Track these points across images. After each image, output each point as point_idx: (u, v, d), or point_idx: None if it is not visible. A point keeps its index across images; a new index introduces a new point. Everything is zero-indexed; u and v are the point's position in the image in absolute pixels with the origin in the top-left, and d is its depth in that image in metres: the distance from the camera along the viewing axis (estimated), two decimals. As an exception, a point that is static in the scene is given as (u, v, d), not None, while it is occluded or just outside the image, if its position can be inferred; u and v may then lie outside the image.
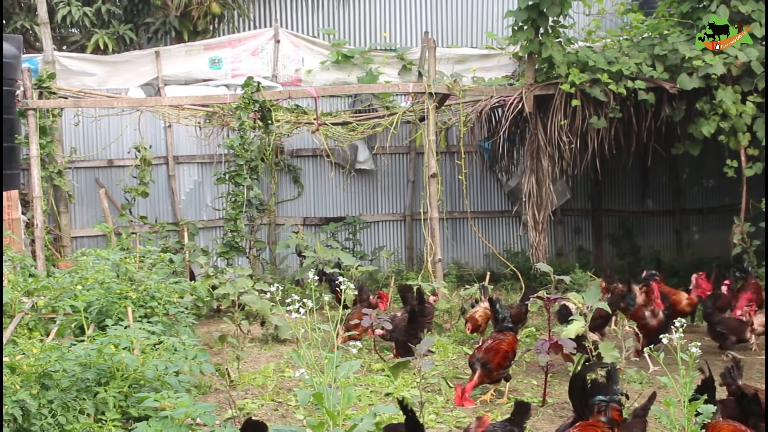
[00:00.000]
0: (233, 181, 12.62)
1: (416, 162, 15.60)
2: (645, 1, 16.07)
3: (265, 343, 10.48)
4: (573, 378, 5.83)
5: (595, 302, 8.19)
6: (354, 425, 5.24)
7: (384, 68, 15.75)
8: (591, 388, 5.75)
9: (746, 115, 12.37)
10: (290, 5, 16.12)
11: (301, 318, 5.38)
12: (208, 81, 15.06)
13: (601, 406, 5.60)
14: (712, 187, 16.94)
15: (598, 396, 5.65)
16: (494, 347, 7.98)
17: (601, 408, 5.60)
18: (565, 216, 16.54)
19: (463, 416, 7.42)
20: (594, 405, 5.62)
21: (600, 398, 5.62)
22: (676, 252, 16.98)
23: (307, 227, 15.27)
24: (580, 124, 12.82)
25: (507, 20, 13.29)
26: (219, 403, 7.64)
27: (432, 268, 12.76)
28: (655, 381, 8.09)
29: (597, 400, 5.63)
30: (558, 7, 12.20)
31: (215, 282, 11.20)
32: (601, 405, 5.60)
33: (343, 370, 5.39)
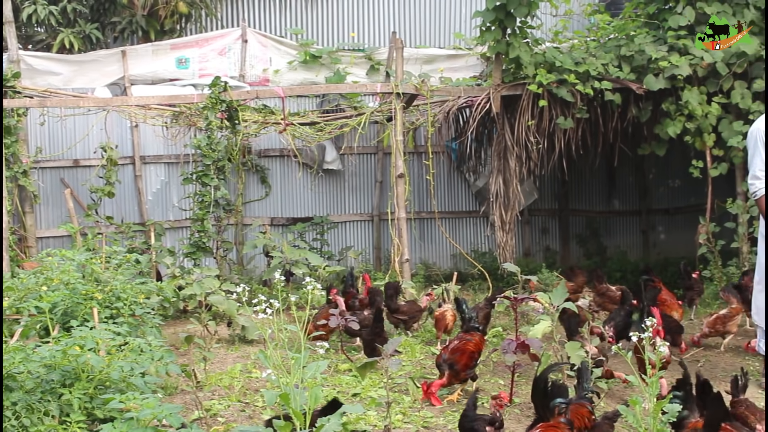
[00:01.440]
0: (200, 181, 12.57)
1: (384, 162, 15.61)
2: (612, 2, 16.15)
3: (232, 344, 10.44)
4: (535, 380, 5.86)
5: (562, 302, 8.22)
6: (321, 426, 5.23)
7: (352, 68, 15.74)
8: (552, 390, 5.79)
9: (711, 116, 12.46)
10: (258, 5, 16.08)
11: (268, 318, 5.36)
12: (175, 81, 14.99)
13: (561, 409, 5.64)
14: (678, 188, 17.05)
15: (558, 399, 5.70)
16: (461, 348, 7.99)
17: (561, 410, 5.64)
18: (532, 216, 16.60)
19: (430, 416, 7.42)
20: (554, 407, 5.67)
21: (560, 401, 5.67)
22: (642, 252, 17.08)
23: (274, 227, 15.23)
24: (547, 124, 12.86)
25: (475, 21, 13.33)
26: (185, 404, 7.60)
27: (399, 268, 12.76)
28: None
29: (557, 403, 5.68)
30: (525, 7, 12.23)
31: (182, 282, 11.17)
32: (561, 407, 5.64)
33: (310, 371, 5.37)
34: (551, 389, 5.83)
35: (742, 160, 12.08)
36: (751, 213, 12.06)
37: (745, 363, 9.44)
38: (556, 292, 8.34)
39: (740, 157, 12.16)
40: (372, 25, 16.57)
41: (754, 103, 12.21)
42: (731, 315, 9.90)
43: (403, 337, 9.95)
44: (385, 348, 7.00)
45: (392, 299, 10.65)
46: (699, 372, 6.49)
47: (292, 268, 12.57)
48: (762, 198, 8.24)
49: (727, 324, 9.90)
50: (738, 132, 12.09)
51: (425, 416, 7.44)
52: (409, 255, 13.15)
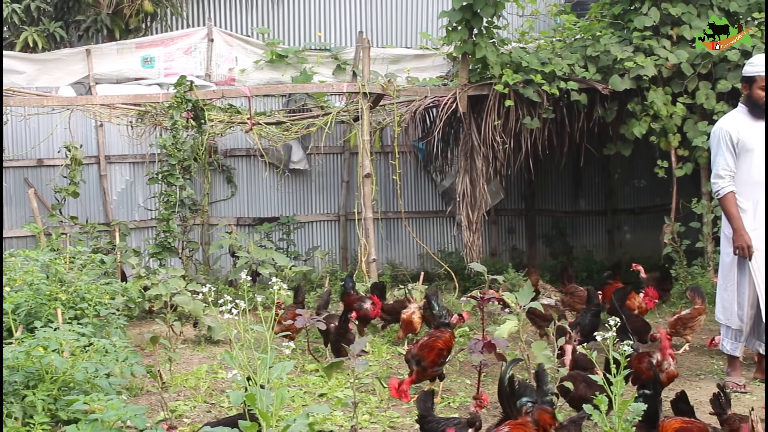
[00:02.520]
0: (166, 181, 12.50)
1: (350, 162, 15.59)
2: (578, 3, 16.23)
3: (198, 345, 10.40)
4: (501, 379, 5.84)
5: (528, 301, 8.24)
6: (287, 426, 5.21)
7: (318, 68, 15.73)
8: (519, 389, 5.78)
9: (676, 116, 12.54)
10: (224, 4, 16.06)
11: (234, 319, 5.34)
12: (141, 80, 14.92)
13: (528, 408, 5.62)
14: (644, 188, 17.15)
15: (525, 398, 5.68)
16: (430, 344, 7.99)
17: (528, 410, 5.63)
18: (499, 216, 16.63)
19: (396, 416, 7.42)
20: (522, 407, 5.65)
21: (527, 400, 5.65)
22: (608, 251, 17.15)
23: (240, 227, 15.18)
24: (513, 124, 12.89)
25: (441, 21, 13.33)
26: (150, 405, 7.56)
27: (366, 268, 12.75)
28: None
29: (524, 402, 5.66)
30: (492, 8, 12.25)
31: (147, 283, 11.10)
32: (528, 407, 5.63)
33: (276, 371, 5.35)
34: (518, 388, 5.81)
35: (706, 160, 12.15)
36: (715, 213, 12.13)
37: (709, 362, 9.51)
38: (522, 291, 8.37)
39: (705, 157, 12.22)
40: (338, 25, 16.57)
41: (718, 104, 12.29)
42: (693, 315, 9.93)
43: (369, 337, 9.94)
44: (351, 348, 6.99)
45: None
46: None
47: (259, 268, 12.54)
48: (725, 197, 8.29)
49: (689, 324, 9.93)
50: (703, 132, 12.16)
51: (392, 416, 7.43)
52: (376, 255, 13.15)
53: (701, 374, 9.06)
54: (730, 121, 8.45)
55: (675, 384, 8.61)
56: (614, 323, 6.00)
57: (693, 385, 8.57)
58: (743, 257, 8.22)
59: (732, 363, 8.61)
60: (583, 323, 9.44)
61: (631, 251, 16.75)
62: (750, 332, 8.52)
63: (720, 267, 8.74)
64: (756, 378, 8.65)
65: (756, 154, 8.27)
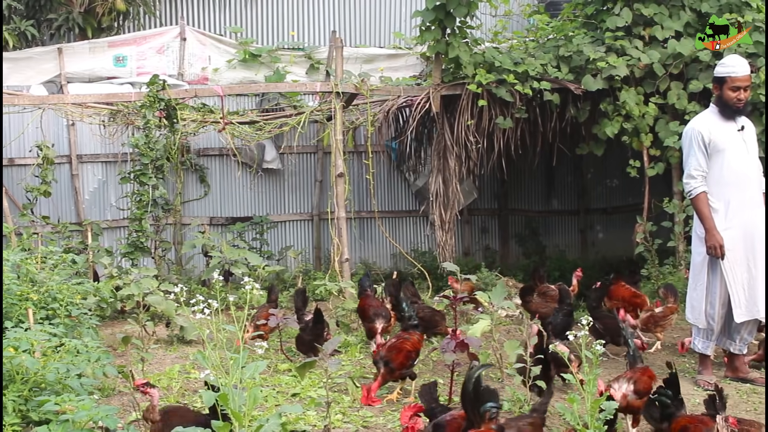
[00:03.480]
0: (138, 180, 12.44)
1: (324, 161, 15.58)
2: (551, 3, 16.27)
3: (171, 345, 10.36)
4: (465, 382, 5.76)
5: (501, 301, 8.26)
6: (260, 426, 5.20)
7: (291, 67, 15.69)
8: (483, 393, 5.67)
9: (648, 116, 12.60)
10: (197, 3, 15.99)
11: (207, 319, 5.32)
12: (113, 79, 14.84)
13: (492, 413, 5.54)
14: (616, 187, 17.25)
15: (489, 402, 5.58)
16: (398, 346, 7.99)
17: (492, 415, 5.54)
18: (472, 215, 16.67)
19: (369, 416, 7.42)
20: (485, 412, 5.55)
21: (491, 405, 5.56)
22: (580, 251, 17.24)
23: (213, 227, 15.14)
24: (486, 124, 12.92)
25: (415, 20, 13.34)
26: (123, 406, 7.53)
27: (339, 267, 12.75)
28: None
29: (488, 407, 5.56)
30: (465, 7, 12.27)
31: (119, 283, 11.05)
32: (492, 412, 5.54)
33: (249, 371, 5.33)
34: (483, 393, 5.69)
35: (678, 160, 12.21)
36: (687, 212, 12.20)
37: (681, 360, 9.56)
38: (495, 291, 8.38)
39: (677, 157, 12.28)
40: (312, 24, 16.54)
41: (690, 104, 12.36)
42: (666, 314, 9.97)
43: (342, 337, 9.93)
44: (324, 348, 6.99)
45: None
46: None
47: (232, 267, 12.51)
48: (697, 197, 8.35)
49: (661, 322, 9.98)
50: (674, 132, 12.22)
51: (365, 416, 7.43)
52: (349, 254, 13.15)
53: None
54: (701, 122, 8.51)
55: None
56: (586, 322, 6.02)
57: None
58: (715, 257, 8.28)
59: (703, 362, 8.68)
60: (555, 322, 9.46)
61: (603, 251, 16.85)
62: (721, 331, 8.59)
63: (691, 266, 8.80)
64: (727, 377, 8.71)
65: (727, 154, 8.33)
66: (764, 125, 11.95)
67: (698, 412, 7.44)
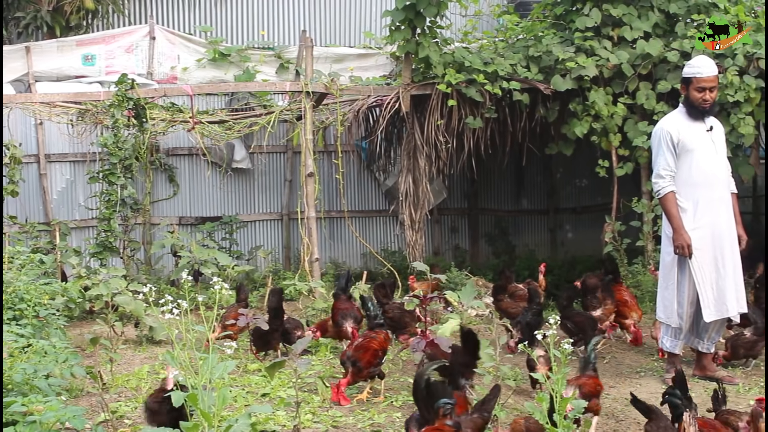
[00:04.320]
0: (107, 180, 12.39)
1: (293, 161, 15.55)
2: (520, 4, 16.31)
3: (140, 345, 10.31)
4: (416, 379, 5.77)
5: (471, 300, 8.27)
6: (229, 426, 5.18)
7: (261, 67, 15.65)
8: (437, 390, 5.69)
9: (617, 116, 12.66)
10: (166, 2, 15.93)
11: (176, 319, 5.30)
12: (81, 78, 14.75)
13: (446, 410, 5.55)
14: (585, 187, 17.33)
15: (443, 399, 5.60)
16: (365, 345, 8.00)
17: (447, 411, 5.55)
18: (441, 215, 16.69)
19: (339, 416, 7.41)
20: (439, 408, 5.56)
21: (445, 401, 5.57)
22: (550, 250, 17.29)
23: (182, 227, 15.07)
24: (456, 123, 12.94)
25: (385, 20, 13.35)
26: (91, 407, 7.48)
27: (309, 267, 12.74)
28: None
29: (442, 404, 5.57)
30: (435, 7, 12.29)
31: (88, 283, 10.98)
32: (446, 408, 5.56)
33: (218, 371, 5.31)
34: (436, 389, 5.71)
35: (647, 159, 12.28)
36: (655, 212, 12.26)
37: (649, 359, 9.62)
38: (464, 291, 8.40)
39: (645, 156, 12.35)
40: (282, 24, 16.51)
41: (658, 104, 12.42)
42: (604, 316, 9.96)
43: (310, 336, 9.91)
44: (293, 348, 6.98)
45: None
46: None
47: (201, 267, 12.47)
48: (665, 197, 8.40)
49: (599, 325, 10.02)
50: (643, 132, 12.29)
51: (334, 415, 7.42)
52: (319, 254, 13.14)
53: (641, 372, 9.16)
54: (670, 122, 8.56)
55: (616, 381, 8.73)
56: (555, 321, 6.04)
57: (634, 383, 8.67)
58: (683, 256, 8.33)
59: (671, 360, 8.73)
60: (524, 321, 9.50)
61: (572, 250, 16.93)
62: (689, 330, 8.66)
63: (661, 266, 8.85)
64: (695, 375, 8.77)
65: (696, 155, 8.39)
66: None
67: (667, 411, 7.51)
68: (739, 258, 8.64)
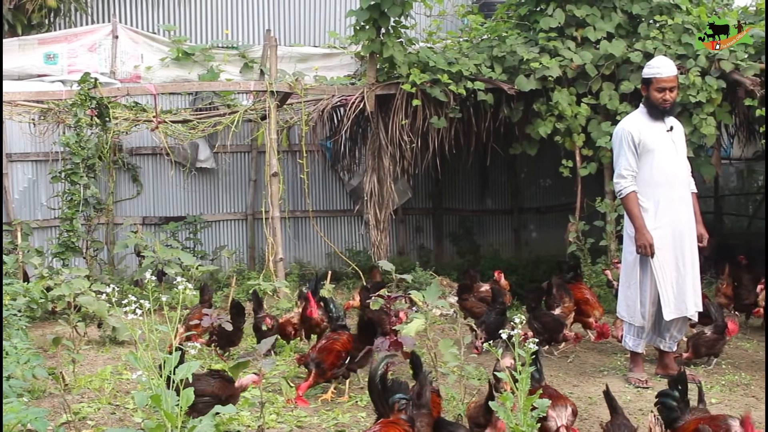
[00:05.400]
0: (69, 179, 12.30)
1: (258, 161, 15.50)
2: (484, 4, 16.36)
3: (103, 346, 10.25)
4: (370, 375, 5.81)
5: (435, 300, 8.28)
6: (193, 427, 5.16)
7: (226, 66, 15.61)
8: (392, 386, 5.71)
9: (581, 117, 12.72)
10: (129, 0, 15.84)
11: (139, 319, 5.28)
12: (43, 76, 14.64)
13: (401, 405, 5.58)
14: (549, 187, 17.41)
15: (398, 394, 5.63)
16: (328, 347, 8.00)
17: (402, 407, 5.58)
18: (406, 215, 16.70)
19: (304, 416, 7.40)
20: (394, 403, 5.60)
21: (400, 396, 5.60)
22: (514, 250, 17.36)
23: (146, 227, 14.99)
24: (421, 123, 12.96)
25: (349, 20, 13.34)
26: (53, 408, 7.43)
27: (274, 267, 12.71)
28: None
29: (397, 398, 5.60)
30: (399, 7, 12.30)
31: (50, 283, 10.90)
32: (401, 403, 5.58)
33: (181, 372, 5.29)
34: (391, 385, 5.75)
35: (610, 159, 12.31)
36: (618, 211, 12.33)
37: (612, 358, 9.67)
38: (429, 290, 8.40)
39: (608, 157, 12.41)
40: (246, 23, 16.47)
41: (621, 104, 12.49)
42: (563, 314, 10.01)
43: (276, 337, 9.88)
44: (258, 347, 6.97)
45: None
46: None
47: (165, 267, 12.40)
48: (627, 197, 8.44)
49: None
50: (606, 132, 12.34)
51: (299, 416, 7.41)
52: (284, 254, 13.12)
53: (605, 371, 9.20)
54: (631, 122, 8.60)
55: (579, 380, 8.76)
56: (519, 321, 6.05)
57: (597, 382, 8.70)
58: (645, 255, 8.38)
59: (634, 359, 8.78)
60: (488, 321, 9.52)
61: (537, 249, 16.99)
62: (651, 329, 8.70)
63: (623, 265, 8.89)
64: (657, 374, 8.82)
65: (657, 155, 8.43)
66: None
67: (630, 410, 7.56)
68: (698, 257, 8.71)
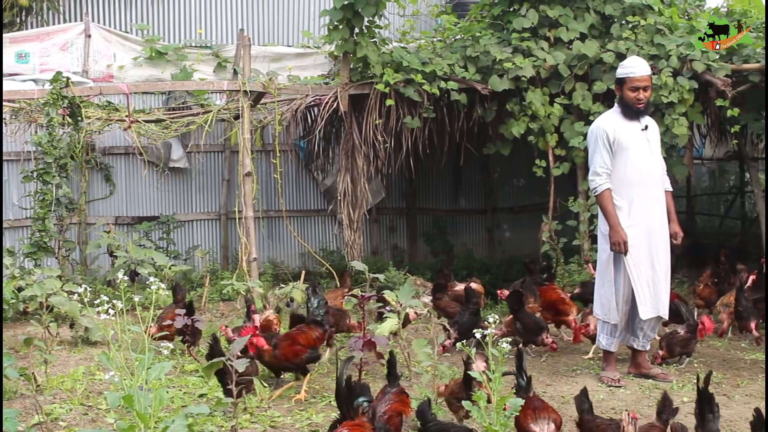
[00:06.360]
0: (41, 179, 12.23)
1: (231, 160, 15.47)
2: (458, 4, 16.37)
3: (75, 346, 10.20)
4: (338, 379, 5.86)
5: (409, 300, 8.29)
6: (166, 427, 5.15)
7: (199, 65, 15.56)
8: (356, 389, 5.77)
9: (554, 117, 12.75)
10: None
11: (112, 319, 5.25)
12: (15, 75, 14.53)
13: (365, 408, 5.64)
14: (522, 186, 17.46)
15: (362, 397, 5.69)
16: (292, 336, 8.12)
17: (365, 409, 5.64)
18: (380, 215, 16.71)
19: (277, 416, 7.40)
20: (358, 406, 5.65)
21: (363, 399, 5.66)
22: (487, 250, 17.40)
23: (119, 227, 14.92)
24: (394, 123, 12.95)
25: (323, 19, 13.32)
26: (25, 409, 7.39)
27: (247, 267, 12.67)
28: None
29: (361, 402, 5.66)
30: (373, 7, 12.28)
31: (22, 283, 10.83)
32: (365, 406, 5.64)
33: (154, 372, 5.28)
34: (355, 388, 5.80)
35: (583, 159, 12.40)
36: (591, 211, 12.39)
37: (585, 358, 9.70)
38: (403, 290, 8.41)
39: (581, 156, 12.47)
40: (219, 22, 16.42)
41: (594, 105, 12.54)
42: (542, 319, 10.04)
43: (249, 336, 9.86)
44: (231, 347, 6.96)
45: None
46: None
47: (138, 267, 12.34)
48: (602, 194, 8.48)
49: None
50: (579, 132, 12.40)
51: (272, 416, 7.41)
52: (257, 254, 13.08)
53: (577, 370, 9.24)
54: (606, 121, 8.65)
55: (552, 380, 8.80)
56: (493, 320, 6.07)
57: (569, 381, 8.74)
58: (619, 253, 8.42)
59: (607, 358, 8.82)
60: (461, 321, 9.54)
61: (510, 249, 17.04)
62: (624, 327, 8.75)
63: (597, 264, 8.94)
64: (630, 372, 8.87)
65: (631, 153, 8.49)
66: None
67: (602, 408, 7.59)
68: (670, 257, 8.76)
